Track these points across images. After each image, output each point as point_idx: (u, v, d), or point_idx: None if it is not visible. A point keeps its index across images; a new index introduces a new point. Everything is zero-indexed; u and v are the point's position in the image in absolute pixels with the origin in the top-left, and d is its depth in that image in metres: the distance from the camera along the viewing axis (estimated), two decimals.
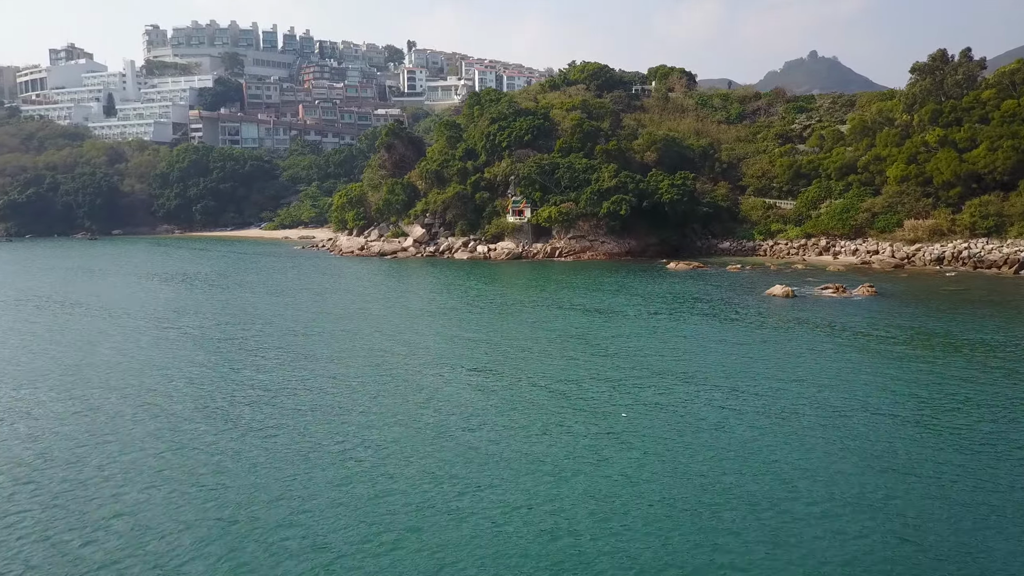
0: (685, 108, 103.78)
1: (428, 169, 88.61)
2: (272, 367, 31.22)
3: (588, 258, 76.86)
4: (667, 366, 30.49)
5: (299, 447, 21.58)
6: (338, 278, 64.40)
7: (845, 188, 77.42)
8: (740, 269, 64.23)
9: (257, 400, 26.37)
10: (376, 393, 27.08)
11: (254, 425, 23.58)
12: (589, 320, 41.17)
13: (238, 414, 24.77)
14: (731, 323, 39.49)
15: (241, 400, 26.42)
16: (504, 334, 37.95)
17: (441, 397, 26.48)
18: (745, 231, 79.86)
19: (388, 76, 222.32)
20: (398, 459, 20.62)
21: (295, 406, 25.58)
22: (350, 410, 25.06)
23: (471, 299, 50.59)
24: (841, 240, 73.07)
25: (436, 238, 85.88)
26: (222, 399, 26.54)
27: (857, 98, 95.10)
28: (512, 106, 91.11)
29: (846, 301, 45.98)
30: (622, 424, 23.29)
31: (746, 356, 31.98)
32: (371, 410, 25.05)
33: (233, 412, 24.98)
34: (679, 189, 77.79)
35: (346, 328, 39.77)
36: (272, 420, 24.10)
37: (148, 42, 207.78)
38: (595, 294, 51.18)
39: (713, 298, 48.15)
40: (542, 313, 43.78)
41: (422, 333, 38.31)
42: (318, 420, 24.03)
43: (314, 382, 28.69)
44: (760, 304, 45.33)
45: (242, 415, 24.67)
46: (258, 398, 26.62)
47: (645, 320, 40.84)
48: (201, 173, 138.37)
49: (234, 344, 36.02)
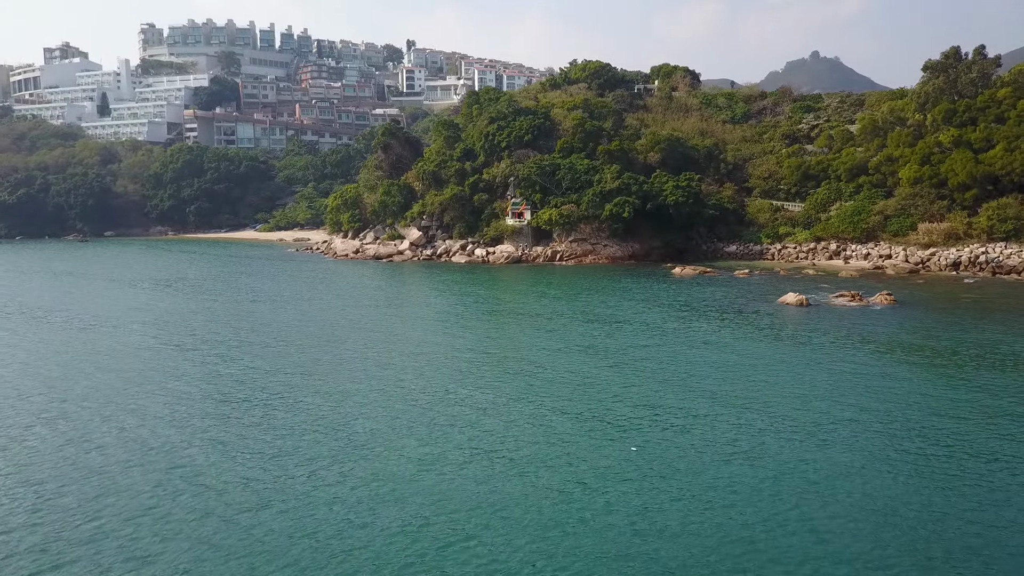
0: (689, 107, 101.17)
1: (425, 170, 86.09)
2: (238, 395, 28.68)
3: (590, 262, 74.35)
4: (678, 387, 27.95)
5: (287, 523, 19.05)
6: (328, 283, 61.85)
7: (856, 190, 74.88)
8: (748, 274, 61.71)
9: (211, 444, 23.84)
10: (363, 419, 24.55)
11: (221, 479, 21.05)
12: (593, 332, 38.64)
13: (189, 457, 22.25)
14: (745, 337, 36.95)
15: (191, 443, 23.89)
16: (502, 348, 35.43)
17: (433, 422, 23.95)
18: (752, 234, 77.32)
19: (387, 76, 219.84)
20: (388, 500, 18.10)
21: (264, 449, 23.05)
22: (318, 456, 22.51)
23: (467, 308, 48.06)
24: (852, 244, 70.52)
25: (433, 241, 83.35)
26: (167, 433, 24.01)
27: (866, 97, 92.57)
28: (512, 105, 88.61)
29: (864, 311, 43.44)
30: (632, 459, 20.73)
31: (765, 376, 29.43)
32: (358, 446, 22.50)
33: (182, 456, 22.46)
34: (684, 191, 75.25)
35: (329, 341, 37.23)
36: (234, 471, 21.57)
37: (144, 41, 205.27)
38: (598, 302, 48.66)
39: (723, 307, 45.62)
40: (542, 324, 41.26)
41: (412, 348, 35.77)
42: (280, 472, 21.49)
43: (283, 414, 26.15)
44: (773, 314, 42.79)
45: (195, 458, 22.15)
46: (215, 440, 24.08)
47: (652, 333, 38.30)
48: (195, 174, 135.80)
49: (198, 365, 33.48)
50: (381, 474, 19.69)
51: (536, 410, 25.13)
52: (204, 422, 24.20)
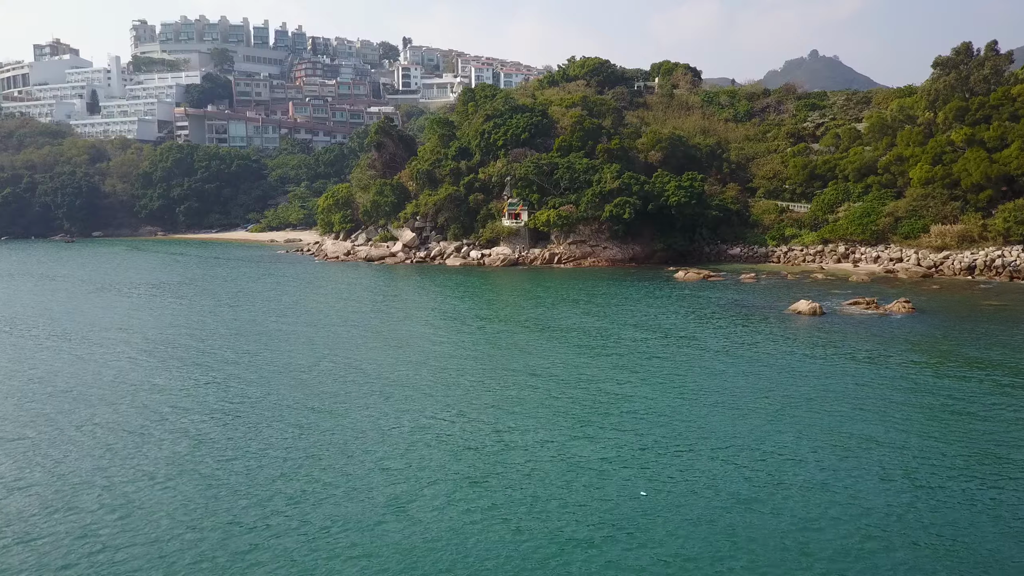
0: (690, 105, 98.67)
1: (419, 169, 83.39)
2: (196, 425, 25.97)
3: (589, 265, 71.68)
4: (686, 411, 25.28)
5: None
6: (314, 288, 59.03)
7: (864, 190, 72.29)
8: (754, 279, 59.05)
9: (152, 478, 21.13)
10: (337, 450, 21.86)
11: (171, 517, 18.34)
12: (594, 346, 35.97)
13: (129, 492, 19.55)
14: (757, 351, 34.27)
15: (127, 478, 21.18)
16: (494, 363, 32.74)
17: (403, 456, 21.27)
18: (756, 236, 74.68)
19: (382, 73, 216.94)
20: (355, 554, 15.43)
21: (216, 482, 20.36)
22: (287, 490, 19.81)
23: (459, 318, 45.36)
24: (861, 246, 67.92)
25: (427, 243, 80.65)
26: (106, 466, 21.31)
27: (873, 95, 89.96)
28: (508, 102, 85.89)
29: (882, 320, 40.79)
30: (641, 506, 18.07)
31: (782, 397, 26.78)
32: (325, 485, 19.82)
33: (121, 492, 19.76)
34: (687, 191, 72.61)
35: (304, 352, 34.52)
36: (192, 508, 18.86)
37: (135, 38, 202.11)
38: (599, 311, 45.98)
39: (730, 315, 42.95)
40: (536, 335, 38.58)
41: (394, 362, 33.07)
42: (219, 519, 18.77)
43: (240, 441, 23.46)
44: (785, 324, 40.14)
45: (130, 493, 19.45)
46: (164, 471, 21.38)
47: (656, 347, 35.63)
48: (185, 173, 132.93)
49: (157, 387, 30.76)
50: (349, 522, 17.03)
51: (527, 439, 22.46)
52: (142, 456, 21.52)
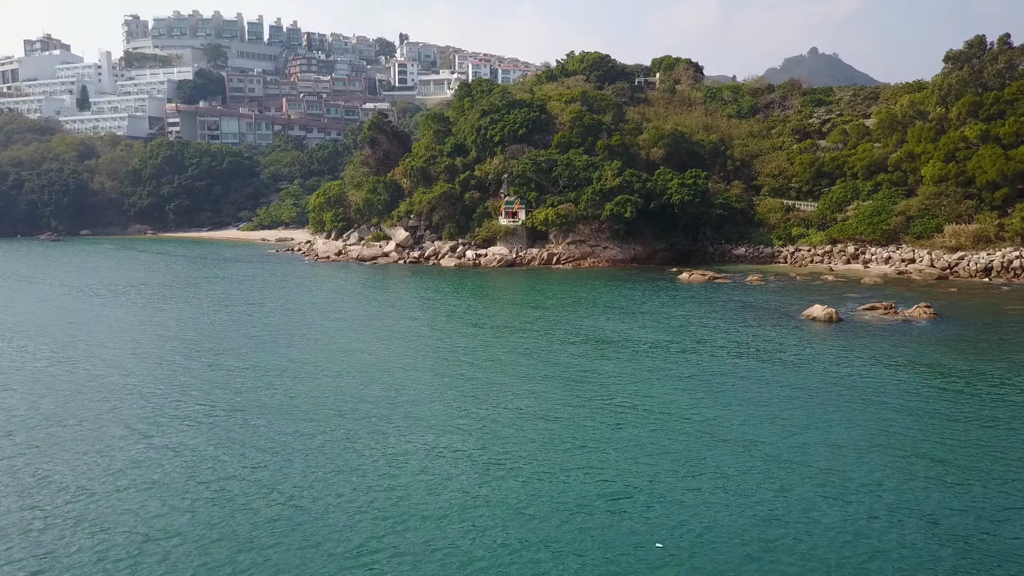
0: (692, 101, 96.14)
1: (413, 166, 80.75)
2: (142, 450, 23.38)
3: (589, 265, 69.14)
4: (698, 437, 22.74)
5: None
6: (301, 291, 56.35)
7: (874, 188, 69.80)
8: (762, 281, 56.52)
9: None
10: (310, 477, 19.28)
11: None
12: (594, 356, 33.41)
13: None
14: (772, 364, 31.72)
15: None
16: (488, 378, 30.18)
17: (386, 485, 18.71)
18: (762, 236, 72.17)
19: (378, 70, 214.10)
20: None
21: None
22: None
23: (452, 323, 42.78)
24: (872, 247, 65.42)
25: (421, 242, 78.04)
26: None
27: (880, 91, 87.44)
28: (505, 97, 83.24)
29: (903, 327, 38.26)
30: (657, 558, 15.52)
31: (805, 420, 24.24)
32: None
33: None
34: (690, 189, 70.06)
35: (281, 373, 31.93)
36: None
37: (127, 33, 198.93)
38: (599, 315, 43.43)
39: (740, 322, 40.41)
40: (534, 344, 36.01)
41: (379, 376, 30.49)
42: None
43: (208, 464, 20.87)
44: (800, 332, 37.61)
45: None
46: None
47: (661, 359, 33.07)
48: (175, 170, 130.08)
49: (106, 406, 28.15)
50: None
51: (519, 468, 19.91)
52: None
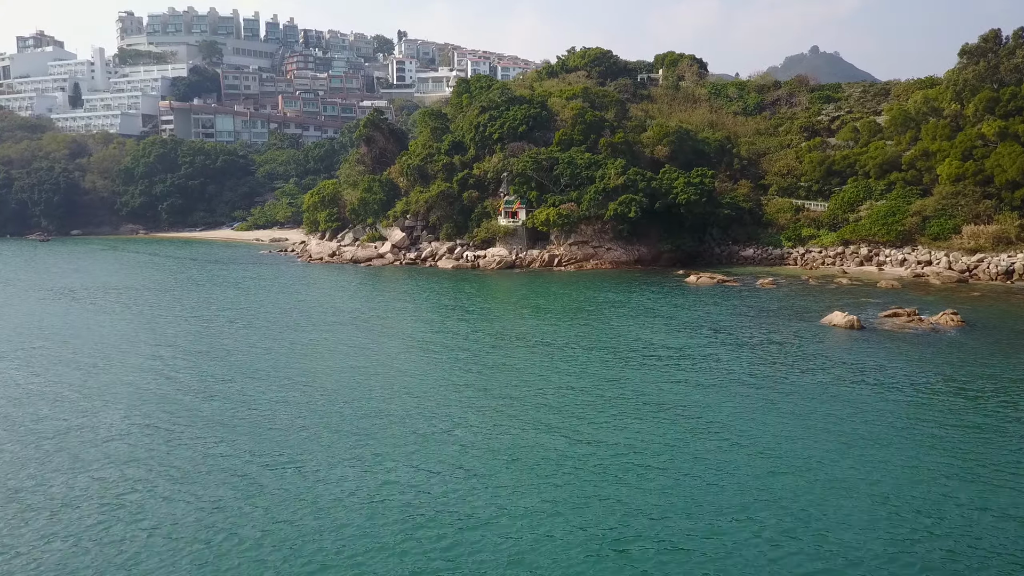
0: (697, 98, 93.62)
1: (410, 164, 78.22)
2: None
3: (592, 267, 66.65)
4: (718, 466, 20.26)
5: None
6: (290, 295, 53.73)
7: (887, 188, 67.32)
8: (773, 284, 54.05)
9: None
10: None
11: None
12: (598, 368, 30.95)
13: None
14: (793, 378, 29.26)
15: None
16: (486, 396, 27.74)
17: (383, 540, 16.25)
18: (770, 237, 69.71)
19: (376, 67, 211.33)
20: None
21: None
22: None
23: (448, 333, 40.33)
24: (886, 248, 62.99)
25: (418, 243, 75.52)
26: None
27: (892, 87, 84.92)
28: (505, 93, 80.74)
29: (931, 336, 35.80)
30: None
31: (834, 445, 21.78)
32: None
33: None
34: (696, 188, 67.56)
35: (259, 388, 29.46)
36: None
37: (121, 29, 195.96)
38: (602, 323, 40.98)
39: (755, 329, 37.95)
40: (536, 356, 33.55)
41: (365, 397, 28.03)
42: None
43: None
44: (821, 341, 35.14)
45: None
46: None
47: (672, 370, 30.61)
48: (168, 168, 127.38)
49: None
50: None
51: (523, 504, 17.46)
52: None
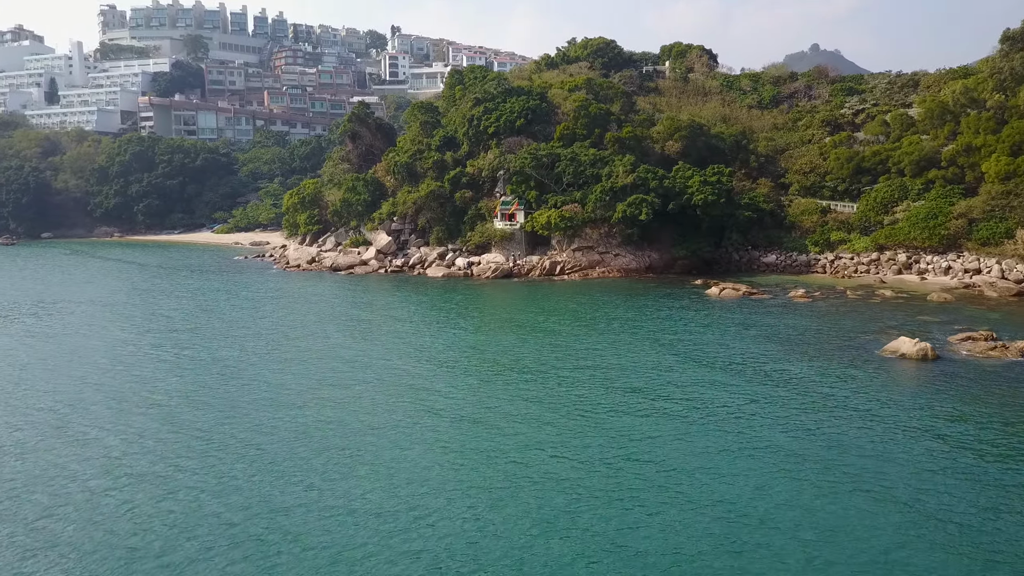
0: (708, 91, 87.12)
1: (397, 162, 71.49)
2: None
3: (598, 276, 60.01)
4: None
5: None
6: (255, 312, 46.91)
7: (925, 187, 60.73)
8: (808, 298, 47.38)
9: None
10: None
11: None
12: (617, 414, 24.26)
13: None
14: (866, 435, 22.58)
15: None
16: (483, 446, 21.04)
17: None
18: (795, 241, 63.14)
19: (369, 63, 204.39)
20: None
21: None
22: None
23: (434, 363, 33.61)
24: (926, 254, 56.42)
25: (405, 248, 68.79)
26: None
27: (920, 77, 78.33)
28: (502, 84, 74.01)
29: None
30: None
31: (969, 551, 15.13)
32: None
33: None
34: (713, 187, 60.91)
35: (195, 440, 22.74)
36: None
37: (103, 23, 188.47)
38: (615, 349, 34.30)
39: (802, 360, 31.27)
40: (538, 393, 26.85)
41: (332, 444, 21.32)
42: None
43: None
44: (887, 377, 28.48)
45: None
46: None
47: (710, 419, 23.93)
48: (145, 167, 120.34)
49: None
50: None
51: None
52: None
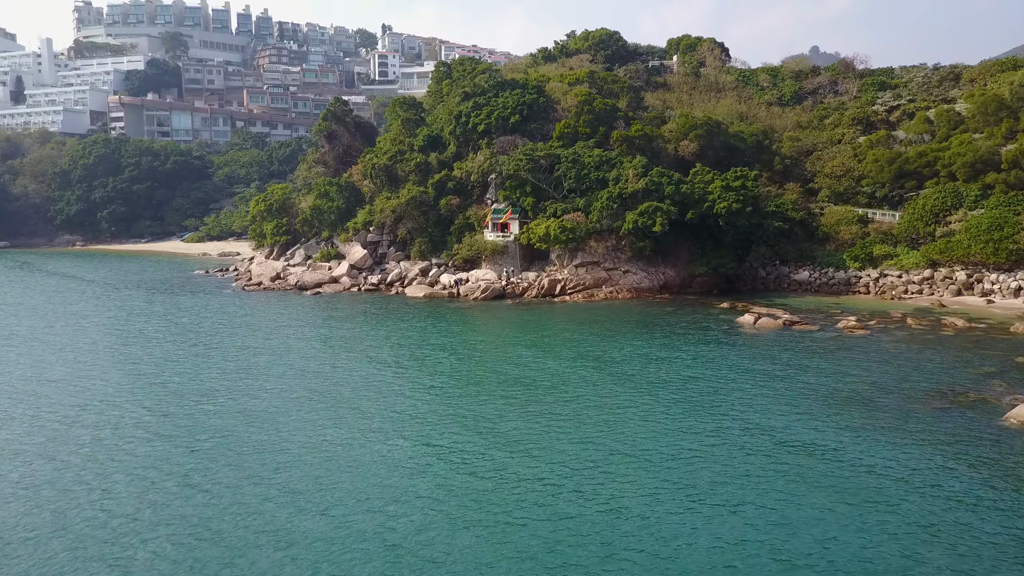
0: (722, 86, 78.93)
1: (375, 164, 63.03)
2: None
3: (605, 296, 51.60)
4: None
5: None
6: (178, 352, 38.29)
7: (983, 193, 52.50)
8: (863, 328, 38.97)
9: None
10: None
11: None
12: (641, 517, 15.79)
13: None
14: None
15: None
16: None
17: None
18: (830, 255, 54.80)
19: (358, 62, 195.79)
20: None
21: None
22: None
23: (403, 424, 25.09)
24: (991, 272, 48.12)
25: (383, 262, 60.28)
26: None
27: (962, 70, 70.22)
28: (494, 77, 65.67)
29: None
30: None
31: None
32: None
33: None
34: (738, 193, 52.61)
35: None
36: None
37: (78, 20, 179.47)
38: (649, 423, 25.84)
39: (905, 437, 22.87)
40: (536, 471, 18.35)
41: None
42: None
43: None
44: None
45: None
46: None
47: (780, 547, 15.45)
48: (110, 171, 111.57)
49: None
50: None
51: None
52: None
